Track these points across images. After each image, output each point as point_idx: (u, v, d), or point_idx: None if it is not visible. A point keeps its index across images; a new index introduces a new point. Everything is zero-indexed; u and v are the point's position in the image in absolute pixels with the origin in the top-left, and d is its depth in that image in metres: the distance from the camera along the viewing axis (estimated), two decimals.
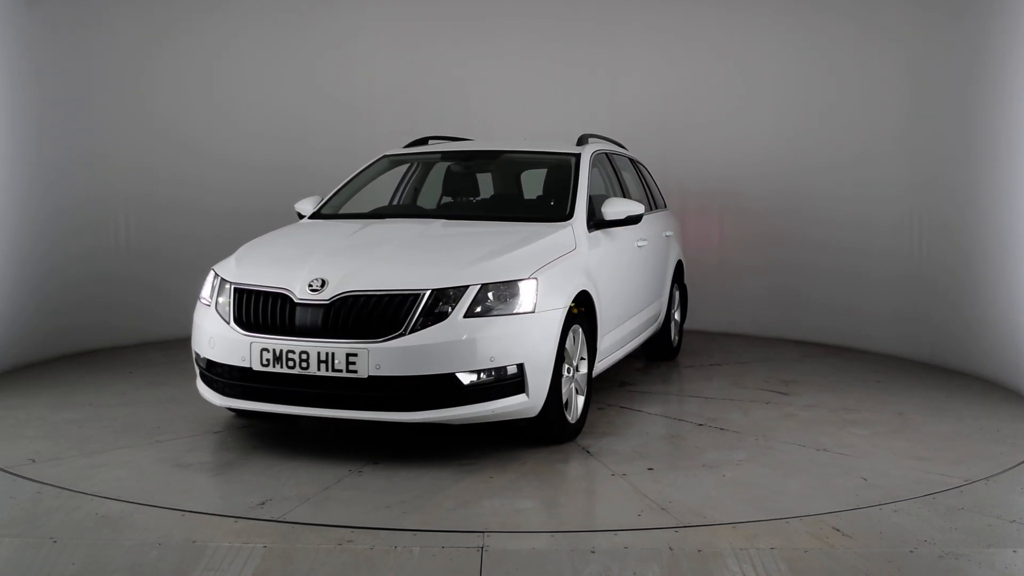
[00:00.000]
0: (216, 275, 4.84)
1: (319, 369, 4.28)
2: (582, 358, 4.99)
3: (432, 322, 4.26)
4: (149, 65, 7.82)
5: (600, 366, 5.41)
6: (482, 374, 4.31)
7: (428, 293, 4.30)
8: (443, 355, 4.23)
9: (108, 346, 7.42)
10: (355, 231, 5.20)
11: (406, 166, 6.58)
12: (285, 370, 4.33)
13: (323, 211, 5.89)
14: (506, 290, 4.42)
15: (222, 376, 4.60)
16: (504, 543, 3.52)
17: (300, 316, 4.35)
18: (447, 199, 6.27)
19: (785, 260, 8.22)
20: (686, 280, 7.64)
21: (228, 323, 4.56)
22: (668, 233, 7.02)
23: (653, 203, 7.10)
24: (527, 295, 4.45)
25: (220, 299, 4.68)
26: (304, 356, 4.29)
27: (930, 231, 7.12)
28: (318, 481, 4.21)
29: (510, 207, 6.03)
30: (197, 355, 4.80)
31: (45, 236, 7.00)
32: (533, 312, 4.44)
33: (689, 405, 5.78)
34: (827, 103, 7.90)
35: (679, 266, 7.30)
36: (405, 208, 6.17)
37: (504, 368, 4.34)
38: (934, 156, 7.05)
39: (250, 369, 4.42)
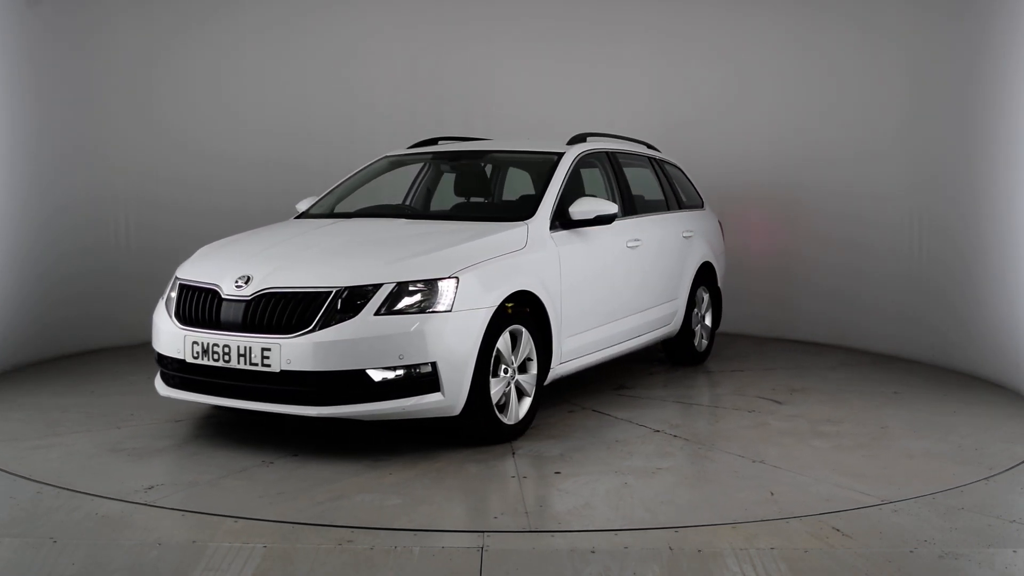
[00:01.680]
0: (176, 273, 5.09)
1: (239, 362, 4.45)
2: (529, 359, 4.96)
3: (344, 319, 4.34)
4: (150, 65, 7.83)
5: (565, 368, 5.34)
6: (393, 371, 4.35)
7: (339, 290, 4.40)
8: (352, 351, 4.31)
9: (112, 345, 7.43)
10: (308, 230, 5.33)
11: (418, 166, 6.62)
12: (211, 362, 4.54)
13: (312, 210, 6.00)
14: (423, 288, 4.46)
15: (167, 367, 4.85)
16: (504, 543, 3.52)
17: (225, 311, 4.56)
18: (451, 199, 6.28)
19: (797, 261, 8.19)
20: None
21: (171, 317, 4.80)
22: (687, 234, 6.80)
23: (677, 203, 6.94)
24: (445, 294, 4.47)
25: (172, 294, 4.94)
26: (226, 349, 4.48)
27: (930, 231, 7.12)
28: (222, 469, 4.38)
29: (482, 207, 6.04)
30: (154, 348, 5.02)
31: (46, 234, 7.02)
32: (450, 311, 4.44)
33: (665, 411, 5.64)
34: (827, 103, 7.90)
35: (707, 268, 7.07)
36: (386, 208, 6.07)
37: (416, 366, 4.37)
38: (934, 156, 7.04)
39: (184, 361, 4.65)
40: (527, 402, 4.96)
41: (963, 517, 3.86)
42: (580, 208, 5.38)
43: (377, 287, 4.42)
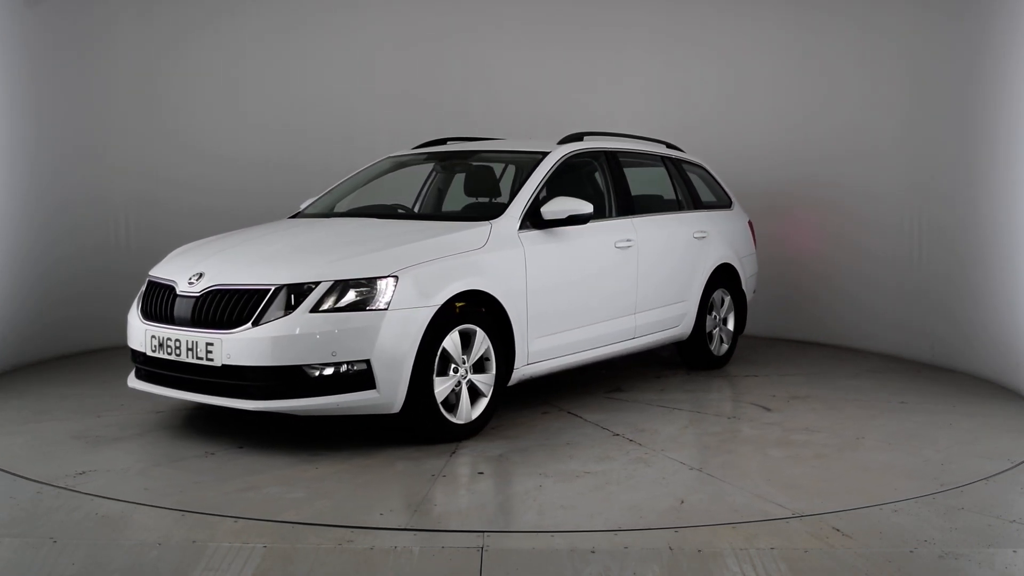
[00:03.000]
0: None
1: (187, 356, 4.62)
2: (487, 359, 4.94)
3: (282, 315, 4.44)
4: (151, 65, 7.85)
5: (535, 369, 5.30)
6: (326, 368, 4.44)
7: (278, 288, 4.51)
8: (287, 347, 4.40)
9: (113, 345, 7.44)
10: (283, 229, 5.47)
11: (429, 167, 6.63)
12: (166, 356, 4.72)
13: (308, 210, 6.10)
14: (361, 287, 4.53)
15: (135, 361, 5.08)
16: (504, 543, 3.52)
17: (178, 307, 4.74)
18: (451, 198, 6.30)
19: (821, 263, 8.07)
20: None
21: (138, 312, 5.04)
22: (699, 234, 6.61)
23: (693, 203, 6.78)
24: (382, 293, 4.52)
25: (142, 290, 5.16)
26: (177, 344, 4.66)
27: (929, 231, 7.11)
28: (163, 458, 4.60)
29: (471, 207, 5.99)
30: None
31: (46, 235, 7.03)
32: (387, 309, 4.49)
33: (641, 415, 5.48)
34: (827, 104, 7.89)
35: (727, 270, 6.88)
36: (377, 208, 6.06)
37: (350, 363, 4.44)
38: (934, 156, 7.03)
39: (145, 354, 4.88)
40: (483, 402, 4.95)
41: (963, 517, 3.86)
42: (552, 208, 5.33)
43: (315, 285, 4.49)
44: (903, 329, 7.38)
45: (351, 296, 4.50)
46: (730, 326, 7.04)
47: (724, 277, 6.89)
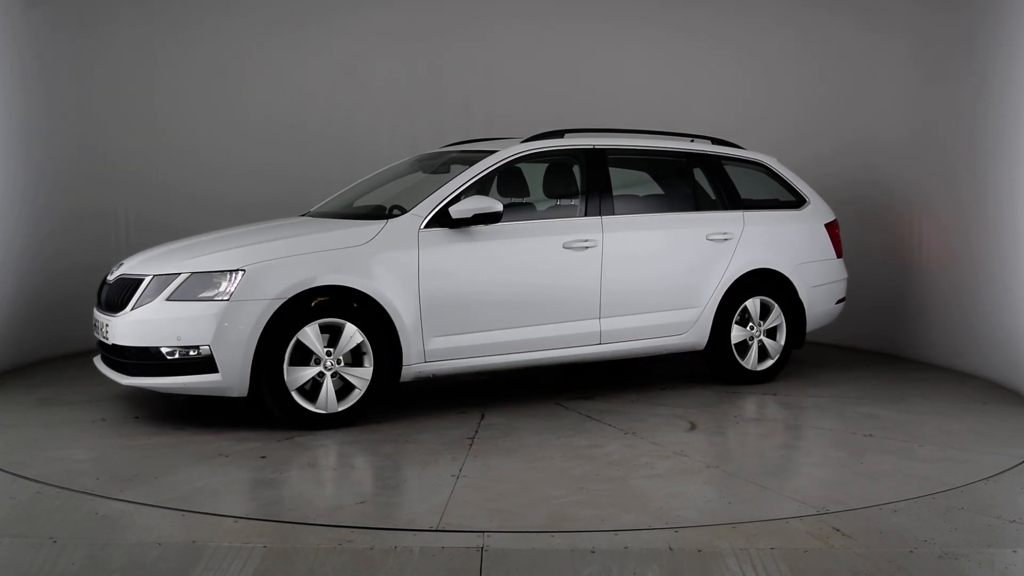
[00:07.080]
0: None
1: (100, 336, 5.25)
2: (364, 353, 5.08)
3: (148, 302, 4.97)
4: (150, 67, 7.86)
5: (436, 368, 5.31)
6: (176, 351, 4.90)
7: (151, 278, 5.02)
8: (144, 331, 4.95)
9: None
10: (237, 229, 5.75)
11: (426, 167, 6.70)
12: (95, 335, 5.36)
13: (312, 210, 6.27)
14: (212, 279, 4.94)
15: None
16: (504, 543, 3.52)
17: (102, 293, 5.38)
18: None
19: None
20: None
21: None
22: (718, 236, 6.13)
23: (726, 203, 6.30)
24: (228, 285, 4.91)
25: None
26: (97, 324, 5.29)
27: (930, 230, 7.11)
28: (58, 420, 5.24)
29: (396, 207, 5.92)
30: None
31: (48, 230, 7.04)
32: (228, 300, 4.87)
33: (539, 423, 5.25)
34: (828, 102, 7.89)
35: (772, 277, 6.31)
36: (364, 208, 6.07)
37: (194, 347, 4.87)
38: (935, 153, 7.03)
39: (93, 335, 5.46)
40: (356, 395, 5.10)
41: (963, 517, 3.86)
42: (460, 207, 5.32)
43: (176, 276, 4.96)
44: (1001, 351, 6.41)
45: (203, 287, 4.92)
46: (780, 339, 6.38)
47: (769, 284, 6.32)
